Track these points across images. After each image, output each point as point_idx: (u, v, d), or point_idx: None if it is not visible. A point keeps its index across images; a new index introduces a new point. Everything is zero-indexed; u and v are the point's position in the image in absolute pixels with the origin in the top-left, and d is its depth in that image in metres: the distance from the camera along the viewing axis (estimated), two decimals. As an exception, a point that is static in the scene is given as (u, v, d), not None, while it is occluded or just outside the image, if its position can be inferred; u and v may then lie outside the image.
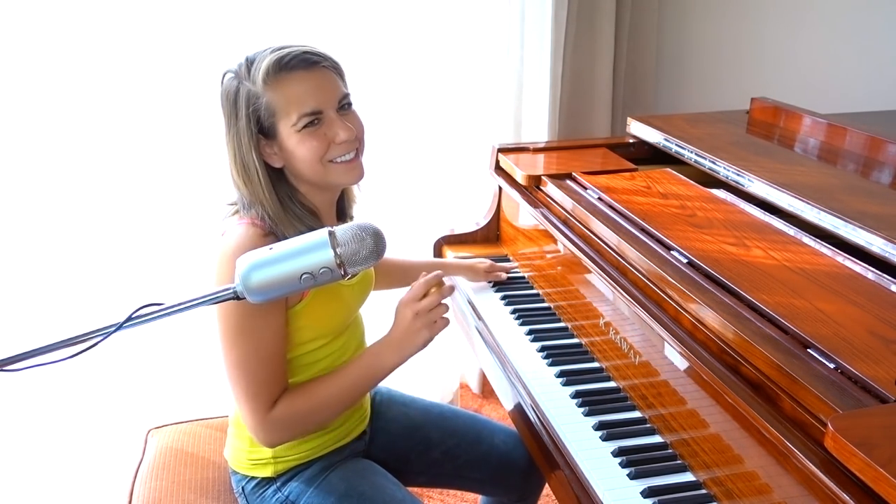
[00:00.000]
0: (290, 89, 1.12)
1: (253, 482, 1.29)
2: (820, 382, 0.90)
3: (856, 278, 1.11)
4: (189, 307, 0.88)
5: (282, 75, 1.12)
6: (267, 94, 1.12)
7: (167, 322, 0.87)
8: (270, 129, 1.14)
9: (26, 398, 1.92)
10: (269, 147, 1.16)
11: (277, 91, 1.12)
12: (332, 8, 2.05)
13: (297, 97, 1.13)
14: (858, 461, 0.76)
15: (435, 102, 2.24)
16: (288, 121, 1.13)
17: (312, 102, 1.13)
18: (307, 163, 1.15)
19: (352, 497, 1.24)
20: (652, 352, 1.20)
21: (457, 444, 1.44)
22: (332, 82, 1.17)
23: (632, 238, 1.32)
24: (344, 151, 1.17)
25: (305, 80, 1.13)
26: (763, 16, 2.23)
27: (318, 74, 1.15)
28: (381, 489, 1.27)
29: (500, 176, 1.78)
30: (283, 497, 1.27)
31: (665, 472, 1.10)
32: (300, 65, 1.13)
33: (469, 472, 1.45)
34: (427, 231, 1.93)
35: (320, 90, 1.14)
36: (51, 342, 0.81)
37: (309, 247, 0.91)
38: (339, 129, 1.15)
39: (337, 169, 1.18)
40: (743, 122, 1.80)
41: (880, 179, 1.41)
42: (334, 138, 1.15)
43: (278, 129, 1.14)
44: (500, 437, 1.47)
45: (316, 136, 1.14)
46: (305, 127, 1.13)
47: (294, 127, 1.13)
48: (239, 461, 1.30)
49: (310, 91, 1.13)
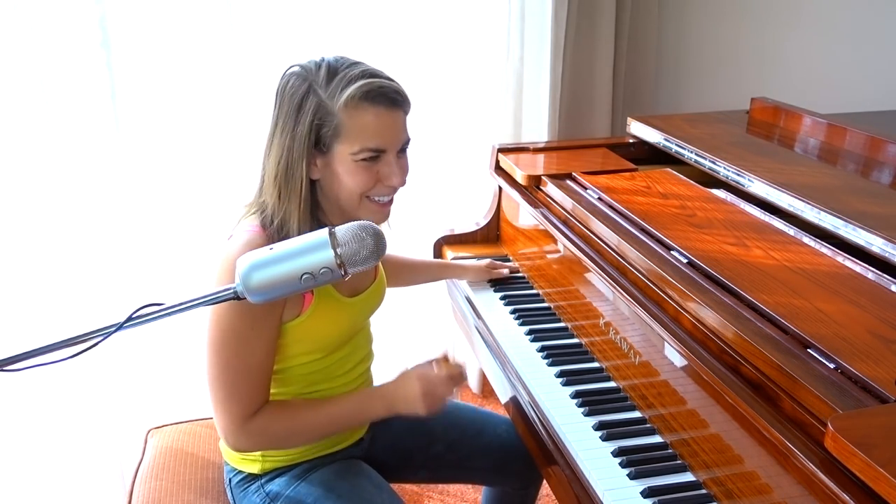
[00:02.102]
0: (365, 120, 1.10)
1: (239, 476, 1.30)
2: (820, 382, 0.90)
3: (856, 278, 1.11)
4: (189, 307, 0.88)
5: (364, 105, 1.10)
6: (341, 115, 1.10)
7: (168, 322, 0.87)
8: (326, 145, 1.12)
9: (26, 398, 1.92)
10: (317, 159, 1.14)
11: (353, 117, 1.10)
12: (332, 8, 2.05)
13: (369, 131, 1.11)
14: (858, 461, 0.76)
15: (435, 102, 2.24)
16: (349, 147, 1.11)
17: (381, 141, 1.12)
18: (347, 191, 1.15)
19: (329, 498, 1.24)
20: (652, 352, 1.20)
21: (459, 436, 1.45)
22: (403, 126, 1.16)
23: (632, 238, 1.32)
24: (388, 193, 1.18)
25: (383, 117, 1.11)
26: (763, 16, 2.23)
27: (395, 115, 1.13)
28: (359, 490, 1.27)
29: (500, 176, 1.78)
30: (264, 494, 1.27)
31: (665, 472, 1.10)
32: (385, 102, 1.11)
33: (472, 462, 1.47)
34: (427, 231, 1.93)
35: (392, 131, 1.13)
36: (51, 342, 0.81)
37: (309, 247, 0.91)
38: (395, 173, 1.15)
39: (371, 206, 1.17)
40: (743, 122, 1.80)
41: (880, 179, 1.42)
42: (385, 180, 1.15)
43: (335, 149, 1.12)
44: (502, 427, 1.48)
45: (369, 172, 1.13)
46: (364, 160, 1.12)
47: (353, 155, 1.12)
48: (230, 453, 1.31)
49: (383, 130, 1.12)
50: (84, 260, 1.92)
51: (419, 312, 2.37)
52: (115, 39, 1.84)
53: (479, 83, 2.29)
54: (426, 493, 2.12)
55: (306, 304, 1.18)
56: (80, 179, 1.88)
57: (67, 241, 1.90)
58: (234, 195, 2.04)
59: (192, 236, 2.03)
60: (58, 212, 1.87)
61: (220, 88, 1.98)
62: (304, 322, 1.18)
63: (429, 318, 2.40)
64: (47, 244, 1.88)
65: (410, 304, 2.27)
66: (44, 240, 1.87)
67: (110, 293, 1.95)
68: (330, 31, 2.05)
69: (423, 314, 2.37)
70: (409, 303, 2.26)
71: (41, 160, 1.83)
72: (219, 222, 2.05)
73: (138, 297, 1.89)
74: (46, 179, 1.84)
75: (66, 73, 1.80)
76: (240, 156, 2.03)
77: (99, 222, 1.92)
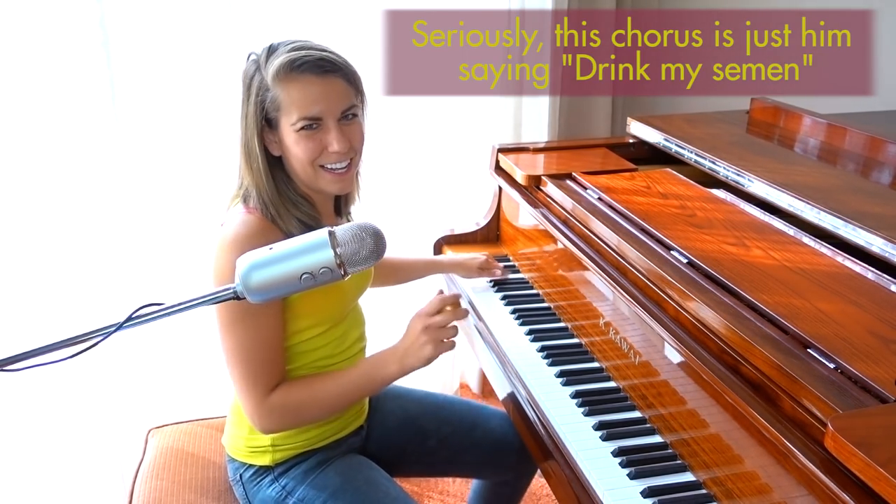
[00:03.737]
0: (296, 91, 1.14)
1: (251, 470, 1.30)
2: (820, 382, 0.90)
3: (856, 278, 1.11)
4: (189, 307, 0.88)
5: (292, 76, 1.14)
6: (274, 90, 1.15)
7: (167, 322, 0.87)
8: (273, 120, 1.17)
9: (26, 398, 1.92)
10: (271, 135, 1.19)
11: (284, 90, 1.14)
12: (332, 7, 2.05)
13: (300, 100, 1.15)
14: (858, 461, 0.76)
15: (435, 102, 2.24)
16: (288, 119, 1.16)
17: (314, 108, 1.15)
18: (299, 162, 1.18)
19: (346, 492, 1.26)
20: (652, 352, 1.20)
21: (452, 431, 1.47)
22: (340, 91, 1.17)
23: (632, 238, 1.32)
24: (336, 160, 1.19)
25: (313, 86, 1.15)
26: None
27: (327, 81, 1.16)
28: (375, 484, 1.29)
29: (500, 176, 1.78)
30: (280, 487, 1.28)
31: (665, 471, 1.10)
32: (311, 70, 1.14)
33: (464, 456, 1.48)
34: (427, 231, 1.93)
35: (325, 98, 1.15)
36: (51, 342, 0.81)
37: (309, 247, 0.91)
38: (334, 139, 1.17)
39: (325, 176, 1.20)
40: (743, 122, 1.80)
41: (880, 179, 1.42)
42: (328, 146, 1.17)
43: (280, 123, 1.17)
44: (495, 420, 1.49)
45: (312, 140, 1.17)
46: (303, 129, 1.16)
47: (293, 126, 1.16)
48: (237, 448, 1.31)
49: (314, 97, 1.15)
50: (84, 260, 1.92)
51: (419, 312, 2.36)
52: (115, 39, 1.84)
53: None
54: (426, 493, 2.12)
55: None
56: (81, 179, 1.88)
57: (67, 241, 1.90)
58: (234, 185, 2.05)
59: (193, 236, 2.03)
60: (58, 212, 1.87)
61: (220, 88, 1.98)
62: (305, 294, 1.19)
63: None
64: (47, 244, 1.88)
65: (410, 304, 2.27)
66: (44, 239, 1.87)
67: (110, 293, 1.95)
68: (330, 30, 2.04)
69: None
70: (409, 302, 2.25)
71: (41, 160, 1.83)
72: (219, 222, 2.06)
73: (138, 297, 1.89)
74: (46, 179, 1.84)
75: (66, 73, 1.80)
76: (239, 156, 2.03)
77: (99, 222, 1.92)
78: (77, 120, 1.84)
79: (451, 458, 1.48)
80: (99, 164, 1.89)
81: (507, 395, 1.40)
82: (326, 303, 1.25)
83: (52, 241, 1.88)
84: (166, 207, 2.00)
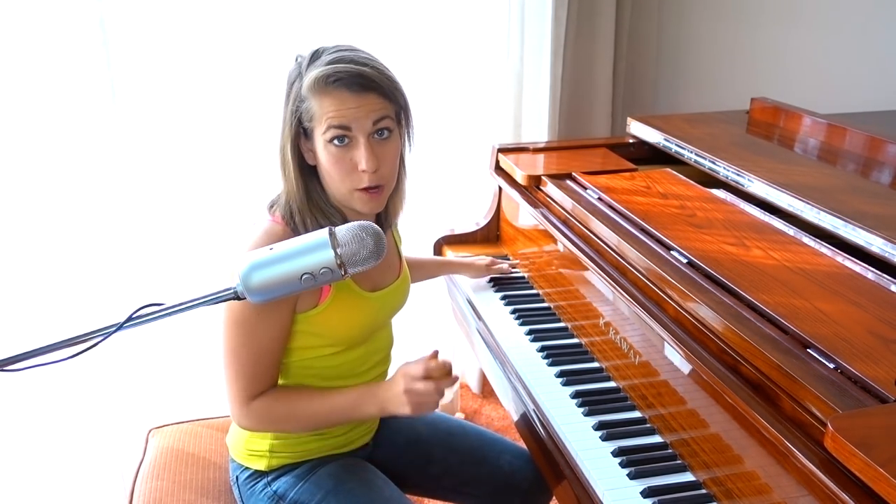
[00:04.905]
0: (328, 103, 1.11)
1: (246, 473, 1.30)
2: (820, 382, 0.90)
3: (856, 278, 1.11)
4: (189, 307, 0.88)
5: (327, 89, 1.10)
6: (308, 100, 1.12)
7: (168, 322, 0.87)
8: (308, 130, 1.14)
9: (27, 398, 1.92)
10: (307, 144, 1.16)
11: (318, 101, 1.11)
12: (332, 7, 2.05)
13: (332, 112, 1.10)
14: (858, 461, 0.76)
15: (435, 102, 2.24)
16: (320, 129, 1.12)
17: (343, 119, 1.11)
18: (332, 180, 1.15)
19: (339, 493, 1.24)
20: (652, 352, 1.20)
21: (459, 462, 1.43)
22: (374, 106, 1.12)
23: (632, 238, 1.32)
24: (368, 182, 1.13)
25: (347, 101, 1.10)
26: (763, 15, 2.22)
27: (361, 98, 1.11)
28: (369, 485, 1.27)
29: (500, 176, 1.78)
30: (272, 491, 1.27)
31: (665, 471, 1.10)
32: (346, 86, 1.10)
33: (468, 489, 1.44)
34: (427, 231, 1.93)
35: (356, 112, 1.11)
36: (51, 342, 0.81)
37: (309, 247, 0.91)
38: (363, 157, 1.11)
39: (357, 195, 1.15)
40: (743, 122, 1.80)
41: (880, 179, 1.42)
42: (357, 164, 1.12)
43: (314, 134, 1.14)
44: (505, 457, 1.44)
45: (342, 157, 1.12)
46: (333, 141, 1.11)
47: (324, 136, 1.12)
48: (238, 450, 1.31)
49: (345, 112, 1.10)
50: (84, 260, 1.92)
51: (419, 312, 2.36)
52: (114, 39, 1.84)
53: (479, 83, 2.29)
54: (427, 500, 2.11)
55: (324, 296, 1.18)
56: (81, 179, 1.88)
57: (68, 241, 1.90)
58: (234, 195, 2.05)
59: (193, 236, 2.03)
60: (58, 212, 1.87)
61: (221, 88, 1.98)
62: (321, 313, 1.18)
63: (429, 318, 2.40)
64: (48, 244, 1.88)
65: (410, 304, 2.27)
66: (44, 239, 1.87)
67: (110, 293, 1.95)
68: (330, 30, 2.05)
69: (423, 314, 2.37)
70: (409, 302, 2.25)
71: (42, 160, 1.83)
72: (219, 222, 2.06)
73: (138, 297, 1.89)
74: (47, 179, 1.84)
75: (66, 73, 1.80)
76: (239, 156, 2.03)
77: (99, 222, 1.92)
78: (77, 120, 1.84)
79: (455, 488, 1.44)
80: (99, 164, 1.89)
81: (507, 396, 1.40)
82: (345, 324, 1.21)
83: (52, 240, 1.88)
84: (167, 207, 2.00)
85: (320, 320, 1.19)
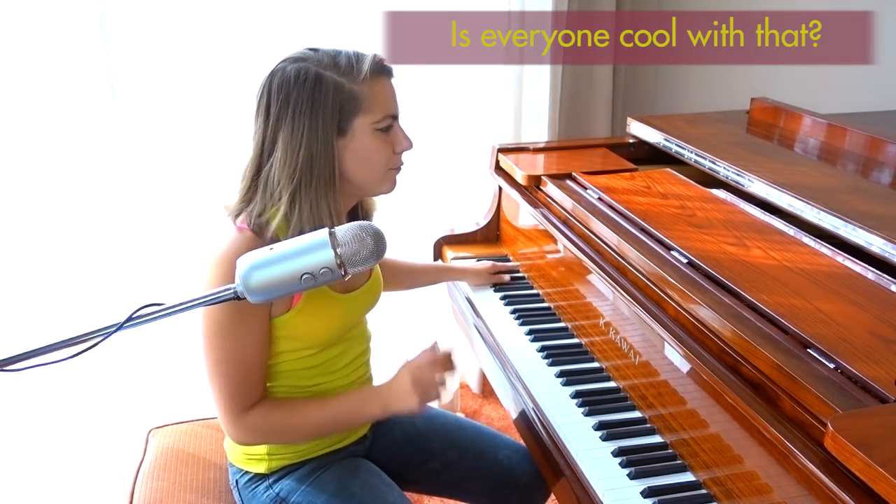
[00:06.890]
0: (380, 90, 1.17)
1: (246, 476, 1.30)
2: (820, 382, 0.90)
3: (856, 278, 1.11)
4: (189, 307, 0.88)
5: (380, 77, 1.17)
6: (362, 90, 1.14)
7: (168, 322, 0.87)
8: (346, 125, 1.15)
9: (27, 398, 1.92)
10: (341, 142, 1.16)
11: (373, 88, 1.16)
12: (331, 7, 2.05)
13: (385, 99, 1.18)
14: (858, 461, 0.76)
15: (435, 102, 2.24)
16: (372, 117, 1.16)
17: (395, 108, 1.20)
18: (372, 163, 1.19)
19: (342, 496, 1.24)
20: (652, 352, 1.20)
21: (458, 456, 1.43)
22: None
23: (632, 238, 1.32)
24: (400, 162, 1.23)
25: (390, 87, 1.20)
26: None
27: (393, 85, 1.21)
28: (372, 489, 1.27)
29: (500, 176, 1.78)
30: (274, 494, 1.27)
31: (665, 472, 1.10)
32: (389, 72, 1.20)
33: (467, 484, 1.44)
34: (427, 231, 1.93)
35: (395, 99, 1.21)
36: (51, 342, 0.81)
37: (309, 247, 0.91)
38: (404, 137, 1.22)
39: (391, 175, 1.23)
40: (743, 122, 1.80)
41: (880, 180, 1.42)
42: (398, 146, 1.21)
43: (354, 126, 1.15)
44: (504, 452, 1.44)
45: (387, 141, 1.19)
46: (382, 129, 1.18)
47: (375, 124, 1.16)
48: (235, 454, 1.31)
49: (392, 98, 1.20)
50: (84, 260, 1.92)
51: (419, 312, 2.37)
52: (115, 40, 1.84)
53: (479, 83, 2.29)
54: (427, 500, 2.12)
55: (296, 300, 1.17)
56: (81, 179, 1.88)
57: (68, 241, 1.90)
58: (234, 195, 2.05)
59: (193, 236, 2.03)
60: (58, 212, 1.87)
61: (221, 88, 1.98)
62: (294, 317, 1.18)
63: (429, 318, 2.40)
64: (48, 244, 1.88)
65: (410, 304, 2.27)
66: (44, 239, 1.87)
67: (110, 293, 1.95)
68: (330, 30, 2.05)
69: (423, 314, 2.37)
70: (409, 303, 2.25)
71: (42, 160, 1.83)
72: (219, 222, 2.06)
73: (138, 297, 1.89)
74: (47, 180, 1.84)
75: (66, 73, 1.80)
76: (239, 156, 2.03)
77: (99, 222, 1.92)
78: (77, 121, 1.84)
79: (454, 484, 1.45)
80: (99, 164, 1.89)
81: (507, 396, 1.40)
82: (317, 327, 1.21)
83: (52, 241, 1.88)
84: (166, 207, 2.00)
85: (293, 324, 1.19)
